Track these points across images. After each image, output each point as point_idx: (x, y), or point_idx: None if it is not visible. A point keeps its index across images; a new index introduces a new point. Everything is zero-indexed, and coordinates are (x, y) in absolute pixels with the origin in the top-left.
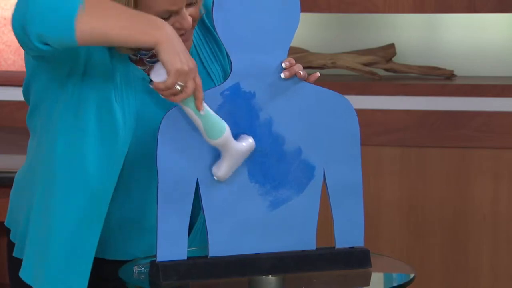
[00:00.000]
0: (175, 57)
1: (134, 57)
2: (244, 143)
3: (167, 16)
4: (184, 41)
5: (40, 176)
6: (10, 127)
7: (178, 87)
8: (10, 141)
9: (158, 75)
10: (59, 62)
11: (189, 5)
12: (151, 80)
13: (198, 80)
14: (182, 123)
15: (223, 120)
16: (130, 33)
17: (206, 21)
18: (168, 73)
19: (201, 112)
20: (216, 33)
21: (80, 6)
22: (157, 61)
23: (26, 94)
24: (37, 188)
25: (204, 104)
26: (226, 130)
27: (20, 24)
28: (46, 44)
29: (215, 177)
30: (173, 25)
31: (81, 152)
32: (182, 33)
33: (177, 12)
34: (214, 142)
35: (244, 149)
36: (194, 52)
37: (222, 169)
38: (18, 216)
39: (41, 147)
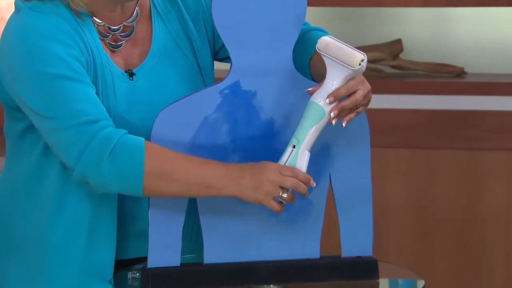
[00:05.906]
0: (259, 195)
1: (106, 37)
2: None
3: None
4: None
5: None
6: None
7: (285, 196)
8: None
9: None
10: None
11: None
12: None
13: (285, 172)
14: (175, 124)
15: (310, 116)
16: (206, 191)
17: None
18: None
19: (307, 152)
20: (186, 11)
21: (145, 168)
22: (131, 34)
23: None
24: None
25: (301, 147)
26: (323, 113)
27: (96, 183)
28: None
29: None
30: None
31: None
32: None
33: None
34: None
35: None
36: (163, 27)
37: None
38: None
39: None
